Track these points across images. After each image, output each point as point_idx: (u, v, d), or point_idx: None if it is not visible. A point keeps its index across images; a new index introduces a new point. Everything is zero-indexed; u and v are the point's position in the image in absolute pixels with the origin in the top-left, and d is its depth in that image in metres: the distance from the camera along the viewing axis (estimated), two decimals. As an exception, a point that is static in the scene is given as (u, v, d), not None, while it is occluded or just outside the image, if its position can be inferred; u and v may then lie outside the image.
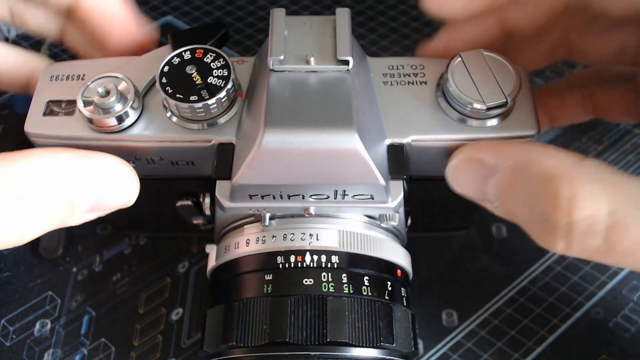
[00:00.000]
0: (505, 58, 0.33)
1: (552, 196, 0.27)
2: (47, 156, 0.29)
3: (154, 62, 0.33)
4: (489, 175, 0.30)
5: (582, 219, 0.27)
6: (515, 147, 0.30)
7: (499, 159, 0.30)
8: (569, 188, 0.27)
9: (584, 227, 0.27)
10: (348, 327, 0.30)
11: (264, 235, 0.33)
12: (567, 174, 0.27)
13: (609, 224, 0.26)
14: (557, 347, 0.41)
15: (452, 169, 0.32)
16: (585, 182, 0.27)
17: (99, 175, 0.31)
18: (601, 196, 0.27)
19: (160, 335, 0.43)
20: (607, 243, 0.27)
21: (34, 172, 0.28)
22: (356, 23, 0.61)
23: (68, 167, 0.30)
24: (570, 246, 0.28)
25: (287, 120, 0.29)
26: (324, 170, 0.30)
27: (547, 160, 0.28)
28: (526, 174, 0.29)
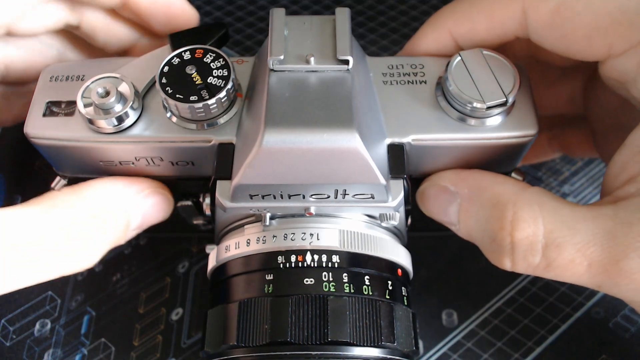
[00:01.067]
0: (505, 57, 0.33)
1: (498, 218, 0.31)
2: (105, 186, 0.34)
3: (153, 62, 0.33)
4: (451, 201, 0.34)
5: (523, 239, 0.30)
6: (471, 175, 0.34)
7: (458, 186, 0.34)
8: (512, 211, 0.31)
9: (524, 245, 0.30)
10: (349, 326, 0.30)
11: (265, 235, 0.33)
12: (511, 199, 0.31)
13: (545, 242, 0.30)
14: (557, 347, 0.41)
15: (420, 195, 0.36)
16: (526, 206, 0.31)
17: (145, 197, 0.35)
18: (539, 218, 0.30)
19: (160, 335, 0.43)
20: (546, 260, 0.30)
21: (97, 204, 0.33)
22: (356, 23, 0.61)
23: (122, 193, 0.35)
24: (515, 263, 0.31)
25: (287, 120, 0.29)
26: (325, 169, 0.30)
27: (496, 187, 0.32)
28: (479, 199, 0.33)
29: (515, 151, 0.35)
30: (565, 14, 0.31)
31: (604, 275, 0.29)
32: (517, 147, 0.34)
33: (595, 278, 0.29)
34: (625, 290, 0.29)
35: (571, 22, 0.32)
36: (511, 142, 0.33)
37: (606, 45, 0.31)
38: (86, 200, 0.33)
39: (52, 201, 0.32)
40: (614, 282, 0.29)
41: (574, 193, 0.49)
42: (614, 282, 0.29)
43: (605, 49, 0.31)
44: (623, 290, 0.29)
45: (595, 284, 0.30)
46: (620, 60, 0.31)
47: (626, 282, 0.29)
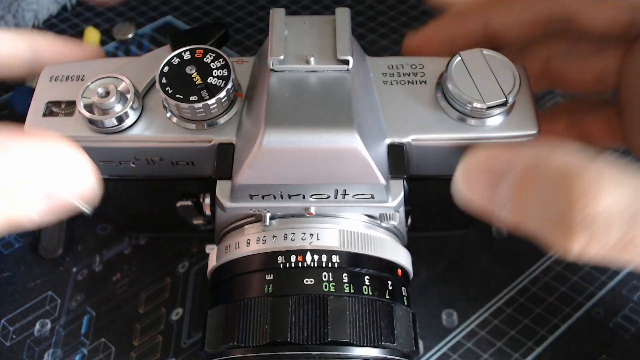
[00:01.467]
0: (505, 57, 0.33)
1: (568, 192, 0.27)
2: None
3: (153, 62, 0.33)
4: (499, 180, 0.29)
5: (601, 212, 0.26)
6: (525, 148, 0.30)
7: (509, 162, 0.29)
8: (586, 182, 0.26)
9: (602, 220, 0.26)
10: (349, 326, 0.30)
11: (265, 235, 0.33)
12: (582, 169, 0.27)
13: (627, 215, 0.26)
14: (557, 347, 0.41)
15: (459, 178, 0.31)
16: (601, 177, 0.27)
17: (46, 160, 0.28)
18: (618, 189, 0.26)
19: (160, 335, 0.43)
20: (626, 236, 0.26)
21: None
22: (356, 23, 0.61)
23: (12, 156, 0.27)
24: (590, 242, 0.27)
25: (287, 120, 0.29)
26: (325, 169, 0.30)
27: (560, 157, 0.28)
28: (540, 173, 0.28)
29: (515, 151, 0.34)
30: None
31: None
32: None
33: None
34: None
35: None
36: (511, 142, 0.33)
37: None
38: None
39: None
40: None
41: None
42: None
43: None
44: None
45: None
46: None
47: None
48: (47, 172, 0.28)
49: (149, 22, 0.62)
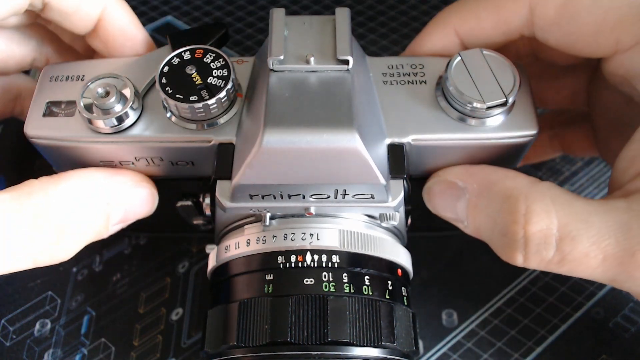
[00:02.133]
0: (505, 57, 0.33)
1: (510, 212, 0.30)
2: (83, 177, 0.33)
3: (153, 62, 0.33)
4: (459, 196, 0.33)
5: (536, 232, 0.30)
6: (481, 171, 0.33)
7: (467, 181, 0.33)
8: (525, 205, 0.30)
9: (538, 239, 0.30)
10: (349, 326, 0.30)
11: (265, 235, 0.33)
12: (523, 193, 0.31)
13: (559, 236, 0.29)
14: (557, 347, 0.41)
15: (427, 191, 0.35)
16: (538, 200, 0.30)
17: (127, 189, 0.34)
18: (552, 212, 0.30)
19: (160, 335, 0.43)
20: (560, 253, 0.30)
21: (75, 194, 0.32)
22: (356, 23, 0.61)
23: (103, 185, 0.33)
24: (528, 257, 0.31)
25: (287, 120, 0.29)
26: (325, 169, 0.30)
27: (507, 181, 0.32)
28: (489, 194, 0.32)
29: (515, 151, 0.35)
30: (572, 10, 0.31)
31: (619, 268, 0.29)
32: (517, 147, 0.34)
33: (609, 272, 0.29)
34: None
35: (578, 19, 0.31)
36: (511, 142, 0.33)
37: (613, 41, 0.31)
38: (63, 190, 0.32)
39: (28, 188, 0.31)
40: (629, 275, 0.29)
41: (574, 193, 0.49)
42: (629, 275, 0.29)
43: (612, 44, 0.31)
44: (638, 283, 0.29)
45: (608, 278, 0.30)
46: (627, 56, 0.31)
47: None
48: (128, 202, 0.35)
49: (149, 22, 0.62)
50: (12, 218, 0.30)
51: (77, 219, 0.32)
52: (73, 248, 0.33)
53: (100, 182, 0.33)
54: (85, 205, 0.32)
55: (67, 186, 0.32)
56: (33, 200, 0.30)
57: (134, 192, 0.35)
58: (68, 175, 0.32)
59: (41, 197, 0.31)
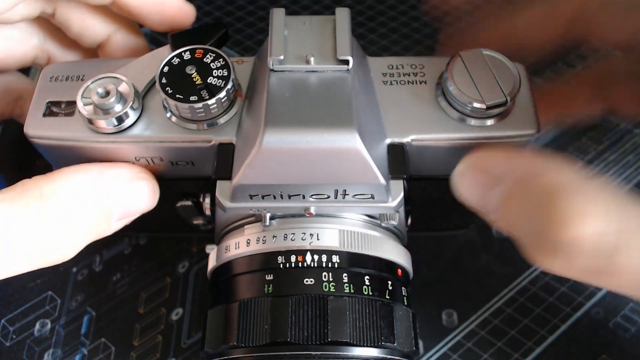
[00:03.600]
0: (505, 57, 0.33)
1: (556, 210, 0.26)
2: (79, 173, 0.31)
3: (153, 62, 0.33)
4: (493, 184, 0.29)
5: (588, 236, 0.25)
6: (522, 158, 0.29)
7: (504, 168, 0.29)
8: (576, 204, 0.26)
9: (588, 244, 0.25)
10: (349, 326, 0.30)
11: (265, 235, 0.33)
12: (574, 189, 0.26)
13: (613, 245, 0.25)
14: (557, 347, 0.41)
15: (457, 175, 0.31)
16: (592, 200, 0.26)
17: (125, 183, 0.33)
18: (608, 215, 0.26)
19: (160, 335, 0.43)
20: (610, 264, 0.26)
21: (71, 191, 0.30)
22: (356, 23, 0.61)
23: (99, 179, 0.32)
24: (569, 264, 0.27)
25: (287, 120, 0.29)
26: (325, 169, 0.30)
27: (553, 174, 0.27)
28: (530, 186, 0.28)
29: (516, 151, 0.34)
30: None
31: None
32: (517, 147, 0.34)
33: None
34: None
35: None
36: (511, 142, 0.33)
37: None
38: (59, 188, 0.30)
39: (21, 188, 0.30)
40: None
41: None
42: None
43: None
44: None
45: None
46: None
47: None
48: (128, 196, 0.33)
49: (149, 22, 0.62)
50: (7, 221, 0.29)
51: (76, 218, 0.31)
52: (74, 248, 0.32)
53: (96, 177, 0.32)
54: (83, 202, 0.31)
55: (62, 183, 0.31)
56: (28, 201, 0.29)
57: (132, 185, 0.33)
58: (62, 172, 0.31)
59: (36, 197, 0.30)
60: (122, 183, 0.33)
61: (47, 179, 0.31)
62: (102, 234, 0.33)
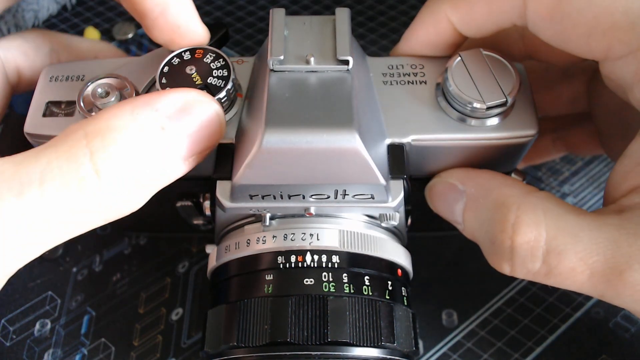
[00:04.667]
0: (505, 57, 0.33)
1: (500, 221, 0.30)
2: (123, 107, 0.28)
3: (153, 62, 0.33)
4: (458, 198, 0.33)
5: (523, 243, 0.29)
6: (480, 175, 0.33)
7: (465, 184, 0.33)
8: (515, 214, 0.30)
9: (524, 250, 0.30)
10: (349, 326, 0.30)
11: (265, 236, 0.33)
12: (516, 202, 0.30)
13: (546, 249, 0.29)
14: (557, 347, 0.41)
15: (429, 190, 0.35)
16: (530, 211, 0.30)
17: (184, 113, 0.29)
18: (542, 224, 0.29)
19: (160, 335, 0.43)
20: (546, 266, 0.29)
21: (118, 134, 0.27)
22: (356, 23, 0.61)
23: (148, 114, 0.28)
24: (514, 267, 0.31)
25: (287, 120, 0.29)
26: (325, 170, 0.30)
27: (502, 189, 0.31)
28: (484, 199, 0.32)
29: (515, 151, 0.35)
30: (565, 9, 0.30)
31: (606, 285, 0.28)
32: (517, 148, 0.34)
33: (597, 288, 0.29)
34: (630, 301, 0.29)
35: (570, 18, 0.31)
36: (511, 142, 0.33)
37: (605, 47, 0.30)
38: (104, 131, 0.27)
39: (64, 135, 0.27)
40: (616, 293, 0.29)
41: (574, 193, 0.49)
42: (616, 292, 0.28)
43: (603, 50, 0.31)
44: (627, 301, 0.29)
45: (597, 293, 0.29)
46: (618, 64, 0.31)
47: (630, 293, 0.28)
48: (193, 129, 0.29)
49: (149, 22, 0.62)
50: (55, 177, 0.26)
51: (131, 163, 0.27)
52: (141, 197, 0.29)
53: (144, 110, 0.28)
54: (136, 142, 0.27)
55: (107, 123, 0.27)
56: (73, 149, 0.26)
57: (192, 113, 0.29)
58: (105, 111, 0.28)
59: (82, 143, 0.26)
60: (177, 110, 0.29)
61: (90, 119, 0.27)
62: (171, 177, 0.30)
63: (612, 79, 0.32)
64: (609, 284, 0.28)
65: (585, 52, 0.32)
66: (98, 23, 0.62)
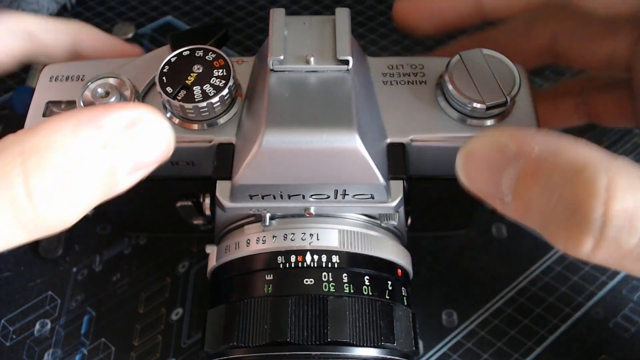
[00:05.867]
0: (505, 57, 0.33)
1: (587, 184, 0.24)
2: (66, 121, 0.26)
3: (153, 62, 0.33)
4: (507, 164, 0.26)
5: (620, 210, 0.23)
6: (543, 135, 0.27)
7: (523, 146, 0.26)
8: (606, 177, 0.24)
9: (621, 220, 0.24)
10: (349, 326, 0.30)
11: (265, 236, 0.33)
12: (603, 163, 0.24)
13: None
14: (557, 347, 0.41)
15: (466, 155, 0.28)
16: (624, 174, 0.24)
17: (128, 129, 0.26)
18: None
19: (160, 335, 0.43)
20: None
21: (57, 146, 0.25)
22: (356, 23, 0.61)
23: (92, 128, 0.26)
24: (601, 243, 0.24)
25: (287, 120, 0.29)
26: (325, 170, 0.30)
27: (579, 150, 0.25)
28: (554, 163, 0.25)
29: (515, 151, 0.34)
30: None
31: None
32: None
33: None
34: None
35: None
36: (511, 142, 0.33)
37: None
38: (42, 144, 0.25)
39: None
40: None
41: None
42: None
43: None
44: None
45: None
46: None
47: None
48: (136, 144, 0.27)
49: (149, 22, 0.62)
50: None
51: (68, 177, 0.25)
52: (75, 212, 0.26)
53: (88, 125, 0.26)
54: (75, 156, 0.25)
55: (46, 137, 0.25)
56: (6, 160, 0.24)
57: (136, 129, 0.27)
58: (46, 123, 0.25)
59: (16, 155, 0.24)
60: (122, 128, 0.26)
61: (29, 133, 0.25)
62: (111, 193, 0.27)
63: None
64: None
65: None
66: (98, 23, 0.62)
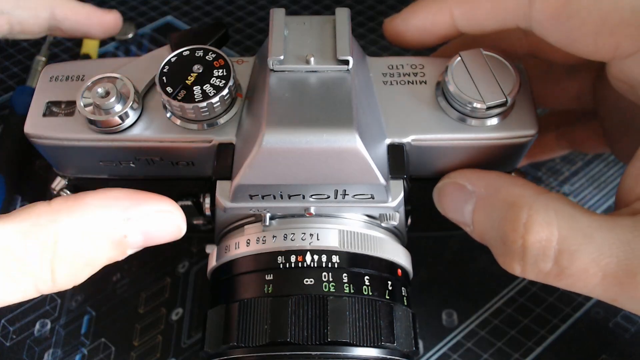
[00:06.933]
0: (505, 57, 0.33)
1: (511, 220, 0.30)
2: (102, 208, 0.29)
3: (153, 62, 0.33)
4: (467, 200, 0.33)
5: (535, 242, 0.29)
6: (489, 176, 0.33)
7: (475, 185, 0.33)
8: (527, 214, 0.29)
9: (536, 249, 0.29)
10: (349, 326, 0.30)
11: (265, 236, 0.33)
12: (527, 201, 0.30)
13: (558, 249, 0.29)
14: (557, 347, 0.41)
15: (437, 191, 0.35)
16: (542, 210, 0.29)
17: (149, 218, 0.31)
18: (554, 224, 0.29)
19: (160, 335, 0.43)
20: (558, 267, 0.29)
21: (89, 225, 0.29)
22: (356, 23, 0.61)
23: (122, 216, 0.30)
24: (525, 268, 0.30)
25: (287, 120, 0.29)
26: (325, 170, 0.30)
27: (513, 189, 0.31)
28: (494, 199, 0.31)
29: (516, 151, 0.35)
30: (572, 8, 0.30)
31: (619, 288, 0.28)
32: (517, 148, 0.34)
33: (609, 291, 0.28)
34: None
35: (578, 17, 0.30)
36: (511, 142, 0.33)
37: (613, 45, 0.30)
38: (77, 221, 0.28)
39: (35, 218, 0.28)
40: (629, 296, 0.28)
41: (574, 193, 0.49)
42: (629, 296, 0.28)
43: (611, 49, 0.30)
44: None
45: (609, 297, 0.29)
46: (627, 63, 0.30)
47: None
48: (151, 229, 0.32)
49: (149, 22, 0.62)
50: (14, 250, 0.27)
51: (89, 250, 0.29)
52: (82, 276, 0.30)
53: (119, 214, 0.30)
54: (101, 235, 0.29)
55: (82, 215, 0.29)
56: (40, 233, 0.27)
57: (157, 219, 0.31)
58: (84, 202, 0.29)
59: (51, 229, 0.28)
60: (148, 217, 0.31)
61: (66, 209, 0.28)
62: (115, 260, 0.32)
63: (621, 79, 0.32)
64: (622, 287, 0.28)
65: (592, 52, 0.31)
66: (98, 23, 0.61)
